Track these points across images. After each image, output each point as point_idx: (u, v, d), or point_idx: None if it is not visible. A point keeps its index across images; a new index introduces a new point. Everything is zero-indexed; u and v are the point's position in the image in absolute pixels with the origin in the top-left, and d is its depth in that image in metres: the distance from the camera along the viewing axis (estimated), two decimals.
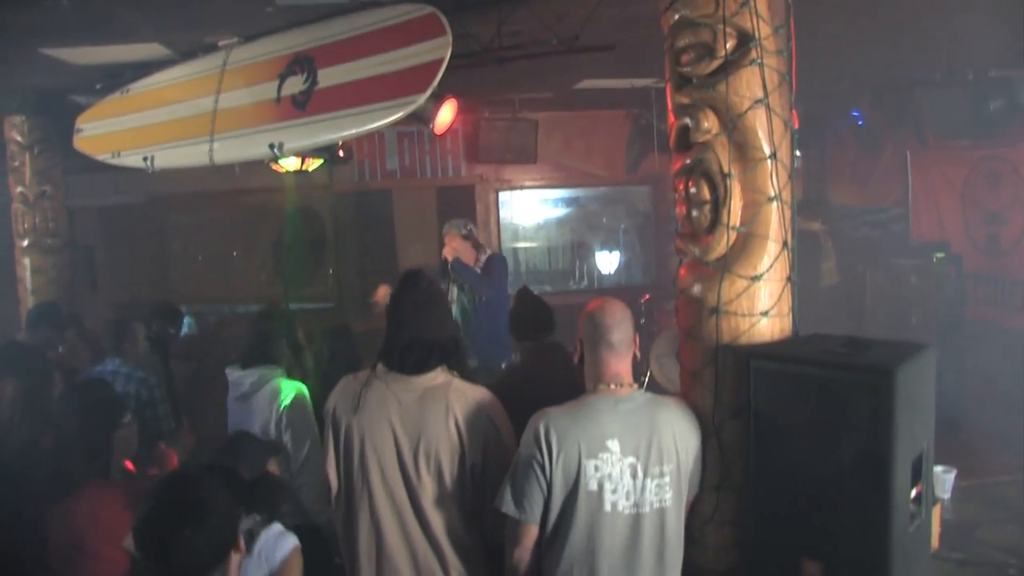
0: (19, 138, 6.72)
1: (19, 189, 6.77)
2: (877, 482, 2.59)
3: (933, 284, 7.67)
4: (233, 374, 4.45)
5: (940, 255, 7.80)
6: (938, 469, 3.42)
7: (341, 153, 6.90)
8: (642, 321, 8.56)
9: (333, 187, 9.45)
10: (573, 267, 10.71)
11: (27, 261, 6.81)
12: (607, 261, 10.59)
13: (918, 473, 2.78)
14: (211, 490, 2.32)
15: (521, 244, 10.62)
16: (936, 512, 3.26)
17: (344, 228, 9.69)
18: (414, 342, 3.02)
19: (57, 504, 3.27)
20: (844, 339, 2.95)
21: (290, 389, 4.30)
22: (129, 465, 3.74)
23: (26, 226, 6.79)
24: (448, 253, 6.71)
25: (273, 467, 3.52)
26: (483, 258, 6.78)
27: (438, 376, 3.02)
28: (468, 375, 3.15)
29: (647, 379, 4.94)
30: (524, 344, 4.34)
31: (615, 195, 10.69)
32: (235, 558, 2.31)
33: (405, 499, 2.97)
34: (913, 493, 2.76)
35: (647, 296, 8.94)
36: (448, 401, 2.96)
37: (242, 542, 2.34)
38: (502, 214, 10.12)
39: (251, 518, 2.76)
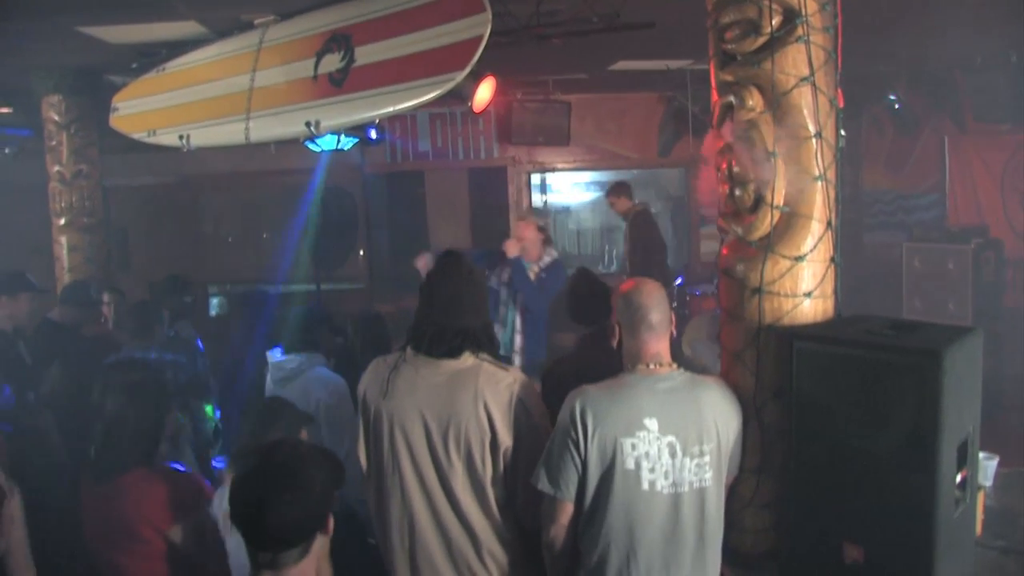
0: (56, 117, 6.76)
1: (56, 168, 6.81)
2: (922, 466, 2.55)
3: (971, 270, 7.57)
4: (274, 357, 4.47)
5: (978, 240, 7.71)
6: (981, 456, 3.36)
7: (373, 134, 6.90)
8: (674, 305, 8.53)
9: (365, 168, 9.47)
10: (603, 250, 10.68)
11: (64, 239, 6.86)
12: None
13: (963, 457, 2.73)
14: (314, 460, 2.28)
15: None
16: (980, 499, 3.21)
17: (376, 209, 9.71)
18: (447, 328, 2.99)
19: (100, 487, 3.28)
20: (889, 321, 2.91)
21: (329, 381, 4.31)
22: None
23: (63, 205, 6.83)
24: (513, 248, 6.14)
25: (304, 436, 3.49)
26: (546, 260, 6.31)
27: (467, 359, 2.99)
28: (499, 357, 3.12)
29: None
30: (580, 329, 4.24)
31: (647, 178, 10.65)
32: (320, 541, 2.28)
33: (436, 483, 2.96)
34: (958, 478, 2.72)
35: (679, 279, 8.90)
36: (477, 385, 2.93)
37: (331, 523, 2.31)
38: (534, 197, 10.10)
39: None
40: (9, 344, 5.41)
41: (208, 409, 5.04)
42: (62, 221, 6.85)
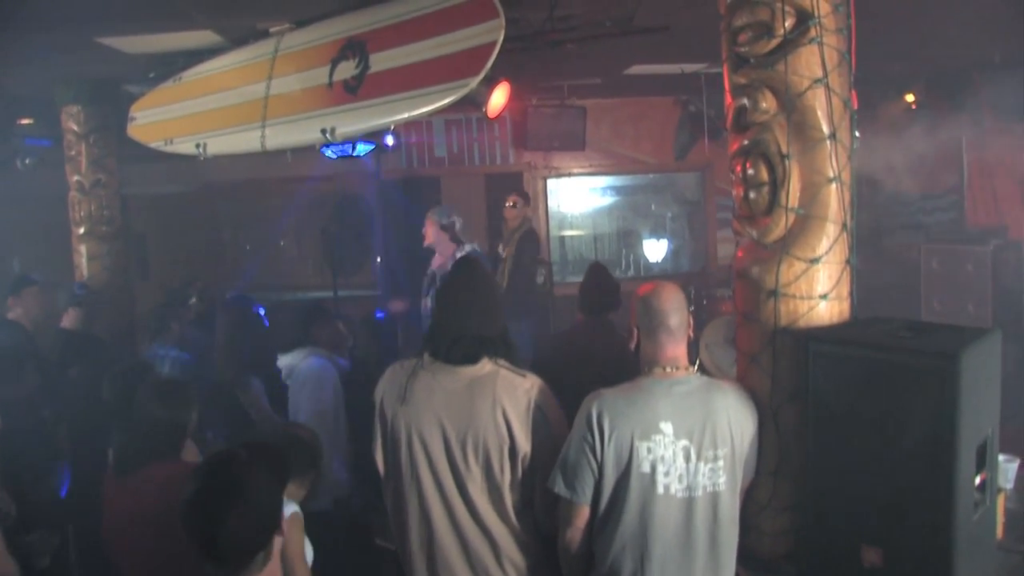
0: (76, 127, 6.81)
1: (75, 177, 6.86)
2: (940, 468, 2.54)
3: (990, 271, 7.51)
4: (280, 361, 4.64)
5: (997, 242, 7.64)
6: (1001, 458, 3.33)
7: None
8: (691, 308, 8.50)
9: (381, 174, 9.49)
10: (620, 255, 10.67)
11: (83, 248, 6.91)
12: (655, 249, 10.54)
13: (983, 460, 2.72)
14: (257, 471, 2.29)
15: (568, 232, 10.60)
16: (1000, 501, 3.19)
17: (392, 215, 9.73)
18: (463, 335, 3.00)
19: (124, 480, 3.32)
20: (906, 323, 2.90)
21: (313, 369, 4.54)
22: None
23: (82, 214, 6.88)
24: (436, 262, 6.68)
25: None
26: (458, 255, 6.42)
27: (485, 366, 2.99)
28: (517, 363, 3.12)
29: (696, 366, 4.93)
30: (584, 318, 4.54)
31: (663, 182, 10.64)
32: (278, 541, 2.30)
33: (454, 489, 2.96)
34: (977, 480, 2.71)
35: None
36: (495, 392, 2.93)
37: (284, 525, 2.33)
38: (549, 202, 10.10)
39: None
40: (28, 338, 5.45)
41: None
42: (81, 230, 6.90)
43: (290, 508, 2.99)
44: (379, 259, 10.00)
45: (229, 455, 2.38)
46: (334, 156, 5.72)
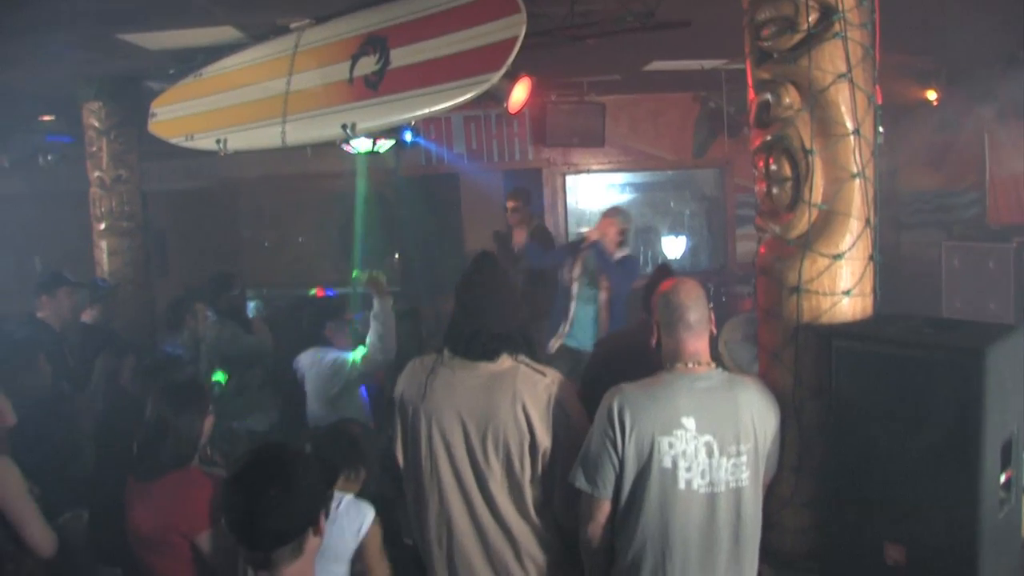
0: (97, 124, 6.84)
1: (96, 174, 6.89)
2: (965, 465, 2.53)
3: (1012, 269, 7.45)
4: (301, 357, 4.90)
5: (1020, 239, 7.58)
6: None
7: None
8: (710, 305, 8.46)
9: (400, 171, 9.50)
10: (638, 252, 10.63)
11: (104, 244, 6.94)
12: (673, 246, 10.50)
13: (1008, 457, 2.70)
14: (304, 461, 2.32)
15: (587, 229, 10.56)
16: None
17: (411, 212, 9.74)
18: (483, 330, 3.00)
19: (139, 485, 3.33)
20: (929, 319, 2.89)
21: (313, 358, 4.87)
22: None
23: (103, 209, 6.91)
24: (595, 234, 6.46)
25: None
26: (618, 254, 6.49)
27: (504, 362, 3.00)
28: (537, 359, 3.12)
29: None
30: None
31: (682, 179, 10.59)
32: (314, 542, 2.31)
33: (474, 486, 2.97)
34: (1003, 478, 2.69)
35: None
36: (516, 387, 2.93)
37: (323, 525, 2.34)
38: (568, 199, 10.08)
39: None
40: (57, 342, 5.49)
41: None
42: (102, 226, 6.93)
43: (370, 511, 3.06)
44: (397, 256, 10.01)
45: (281, 445, 2.42)
46: (354, 152, 5.74)
